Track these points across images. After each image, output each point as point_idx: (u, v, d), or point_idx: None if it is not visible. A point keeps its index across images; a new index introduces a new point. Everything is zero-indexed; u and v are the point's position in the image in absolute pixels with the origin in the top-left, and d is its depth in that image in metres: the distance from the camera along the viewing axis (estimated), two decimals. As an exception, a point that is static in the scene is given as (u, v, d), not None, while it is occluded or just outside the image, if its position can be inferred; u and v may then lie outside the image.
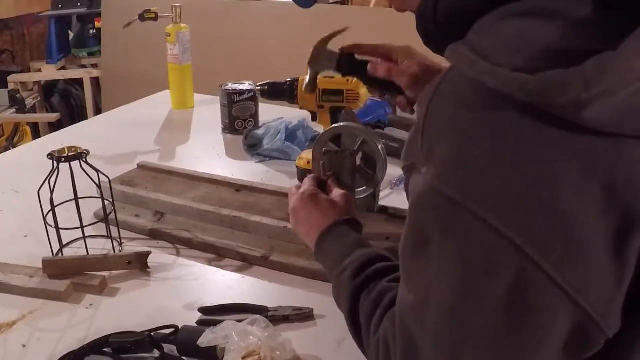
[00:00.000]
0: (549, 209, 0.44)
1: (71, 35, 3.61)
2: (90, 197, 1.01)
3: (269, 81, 1.26)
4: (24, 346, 0.78)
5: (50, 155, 0.91)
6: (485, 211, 0.46)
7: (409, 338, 0.53)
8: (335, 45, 0.99)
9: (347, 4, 3.99)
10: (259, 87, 1.29)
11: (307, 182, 0.92)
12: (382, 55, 0.94)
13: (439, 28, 0.57)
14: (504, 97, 0.45)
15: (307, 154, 1.25)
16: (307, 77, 1.01)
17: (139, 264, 0.94)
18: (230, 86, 1.59)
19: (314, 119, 1.23)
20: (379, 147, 1.00)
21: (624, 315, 0.47)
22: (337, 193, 0.89)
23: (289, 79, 1.21)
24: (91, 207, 1.05)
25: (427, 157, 0.51)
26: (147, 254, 0.95)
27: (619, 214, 0.44)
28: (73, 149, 0.93)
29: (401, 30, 1.09)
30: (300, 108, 1.22)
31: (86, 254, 0.98)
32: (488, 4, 0.51)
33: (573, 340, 0.46)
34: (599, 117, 0.43)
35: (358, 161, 1.01)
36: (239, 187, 1.19)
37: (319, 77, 1.18)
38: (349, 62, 0.97)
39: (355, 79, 1.18)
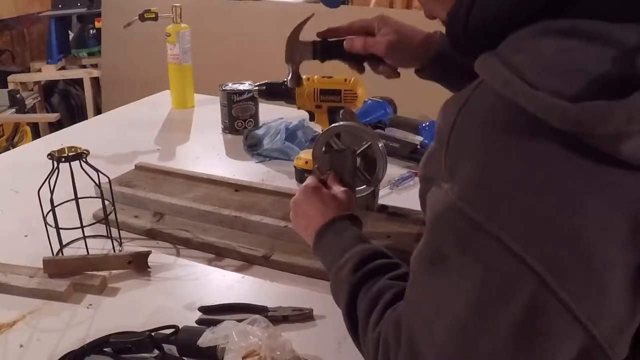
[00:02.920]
0: (572, 239, 0.44)
1: (71, 35, 3.61)
2: (90, 197, 1.01)
3: (267, 81, 1.26)
4: (21, 346, 0.78)
5: (50, 155, 0.91)
6: (507, 235, 0.45)
7: (414, 345, 0.53)
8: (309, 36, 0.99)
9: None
10: (257, 87, 1.29)
11: (311, 177, 0.92)
12: (358, 31, 0.95)
13: (469, 36, 0.55)
14: (539, 121, 0.43)
15: (305, 154, 1.25)
16: (289, 73, 1.02)
17: (139, 264, 0.94)
18: (230, 86, 1.59)
19: (311, 118, 1.23)
20: (379, 145, 1.00)
21: (633, 343, 0.47)
22: (338, 189, 0.89)
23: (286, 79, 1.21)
24: (91, 207, 1.05)
25: (450, 174, 0.49)
26: (147, 253, 0.95)
27: None
28: (73, 149, 0.93)
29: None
30: (298, 108, 1.22)
31: (86, 253, 0.98)
32: (526, 17, 0.49)
33: None
34: (637, 151, 0.42)
35: (358, 159, 1.01)
36: (237, 187, 1.19)
37: (315, 77, 1.18)
38: (324, 47, 0.98)
39: (353, 78, 1.18)
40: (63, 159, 0.91)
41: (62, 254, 0.98)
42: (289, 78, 1.03)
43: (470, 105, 0.49)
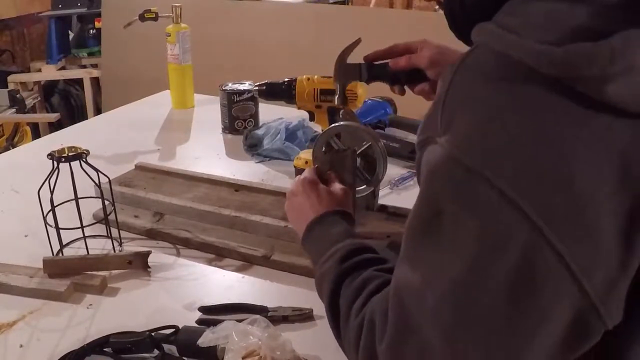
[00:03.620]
0: (566, 187, 0.44)
1: (71, 35, 3.61)
2: (90, 197, 1.01)
3: (266, 81, 1.26)
4: (21, 346, 0.78)
5: (50, 155, 0.91)
6: (503, 181, 0.45)
7: (405, 318, 0.52)
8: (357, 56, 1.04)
9: (347, 4, 4.00)
10: (257, 87, 1.29)
11: (309, 171, 0.92)
12: (401, 52, 0.99)
13: (466, 10, 0.58)
14: (530, 70, 0.45)
15: (305, 154, 1.24)
16: (337, 92, 1.07)
17: (139, 264, 0.94)
18: (230, 86, 1.59)
19: (311, 119, 1.23)
20: (379, 144, 1.00)
21: (626, 311, 0.46)
22: (336, 187, 0.89)
23: (286, 79, 1.21)
24: (91, 207, 1.05)
25: (446, 128, 0.50)
26: (148, 253, 0.95)
27: (630, 196, 0.44)
28: (73, 149, 0.93)
29: (401, 31, 1.10)
30: (298, 108, 1.22)
31: (86, 253, 0.98)
32: None
33: (572, 329, 0.46)
34: (621, 93, 0.43)
35: (358, 159, 1.01)
36: (237, 187, 1.19)
37: (316, 77, 1.18)
38: (370, 69, 1.04)
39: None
40: (63, 159, 0.91)
41: (62, 254, 0.98)
42: (337, 97, 1.08)
43: (465, 64, 0.51)
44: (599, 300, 0.45)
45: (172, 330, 0.78)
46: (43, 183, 0.90)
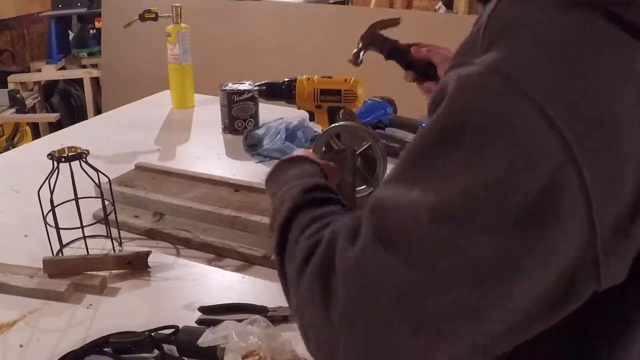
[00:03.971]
0: (605, 118, 0.42)
1: (71, 35, 3.61)
2: (90, 197, 1.01)
3: (266, 81, 1.27)
4: (21, 346, 0.79)
5: (50, 155, 0.91)
6: (543, 97, 0.43)
7: (383, 233, 0.46)
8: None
9: (347, 4, 4.00)
10: (257, 87, 1.29)
11: (302, 150, 0.91)
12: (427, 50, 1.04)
13: None
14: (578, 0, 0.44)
15: (306, 154, 1.25)
16: (356, 48, 1.11)
17: (139, 264, 0.94)
18: (230, 86, 1.59)
19: (311, 118, 1.23)
20: (379, 144, 1.00)
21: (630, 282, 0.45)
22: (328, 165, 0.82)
23: (286, 79, 1.21)
24: (91, 207, 1.05)
25: (487, 48, 0.47)
26: (148, 253, 0.95)
27: None
28: (73, 149, 0.93)
29: (400, 31, 1.10)
30: (298, 108, 1.22)
31: (86, 253, 0.98)
32: None
33: (564, 280, 0.44)
34: None
35: (358, 159, 1.01)
36: (237, 187, 1.19)
37: (315, 77, 1.18)
38: (393, 47, 1.09)
39: (353, 78, 1.19)
40: (63, 159, 0.91)
41: (62, 254, 0.98)
42: (354, 53, 1.11)
43: None
44: (602, 247, 0.43)
45: (172, 330, 0.78)
46: (43, 183, 0.90)
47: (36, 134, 3.20)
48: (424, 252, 0.45)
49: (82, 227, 0.97)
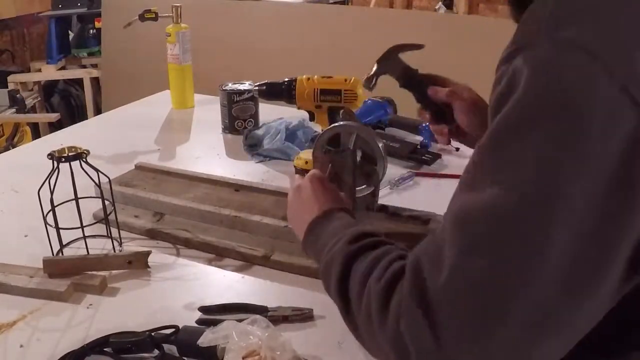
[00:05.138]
0: None
1: (71, 35, 3.61)
2: (91, 197, 1.01)
3: (266, 81, 1.27)
4: (21, 346, 0.78)
5: (50, 155, 0.91)
6: (624, 75, 0.43)
7: (472, 241, 0.48)
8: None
9: (347, 4, 4.00)
10: (257, 87, 1.29)
11: (315, 170, 0.91)
12: (444, 85, 0.96)
13: None
14: None
15: (305, 154, 1.25)
16: (371, 73, 1.02)
17: (139, 264, 0.94)
18: (230, 86, 1.59)
19: (311, 119, 1.23)
20: (379, 144, 1.00)
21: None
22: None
23: (286, 79, 1.21)
24: (91, 207, 1.05)
25: (557, 26, 0.47)
26: (148, 253, 0.95)
27: None
28: (73, 149, 0.93)
29: (401, 31, 1.10)
30: (298, 108, 1.22)
31: (86, 253, 0.98)
32: None
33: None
34: None
35: (358, 159, 1.01)
36: (237, 187, 1.19)
37: (316, 77, 1.18)
38: (411, 77, 1.00)
39: (353, 78, 1.18)
40: (63, 159, 0.91)
41: (62, 254, 0.98)
42: (368, 76, 1.03)
43: None
44: None
45: (172, 330, 0.78)
46: (43, 183, 0.90)
47: (36, 134, 3.20)
48: (513, 254, 0.46)
49: (82, 227, 0.97)
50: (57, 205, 0.93)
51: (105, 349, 0.76)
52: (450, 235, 0.49)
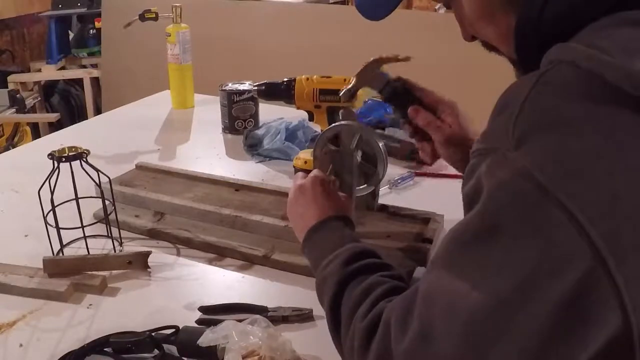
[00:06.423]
0: (637, 222, 0.43)
1: (71, 35, 3.61)
2: (91, 197, 1.01)
3: (266, 81, 1.26)
4: (21, 346, 0.79)
5: (51, 155, 0.91)
6: (575, 205, 0.44)
7: (430, 325, 0.50)
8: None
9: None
10: (256, 87, 1.29)
11: (318, 170, 0.92)
12: (427, 103, 0.95)
13: (543, 37, 0.55)
14: (621, 93, 0.44)
15: (305, 154, 1.25)
16: (350, 86, 1.00)
17: (139, 264, 0.94)
18: (230, 86, 1.59)
19: (310, 119, 1.23)
20: (379, 144, 1.00)
21: None
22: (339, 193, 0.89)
23: (285, 79, 1.21)
24: (91, 207, 1.05)
25: (519, 142, 0.48)
26: (148, 253, 0.95)
27: None
28: (73, 149, 0.93)
29: (401, 31, 1.09)
30: (297, 108, 1.22)
31: (86, 253, 0.98)
32: (602, 10, 0.51)
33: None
34: None
35: (358, 159, 1.01)
36: (238, 187, 1.19)
37: (315, 77, 1.18)
38: (394, 92, 0.96)
39: (352, 78, 1.18)
40: (63, 159, 0.91)
41: (62, 254, 0.98)
42: (347, 89, 1.00)
43: (546, 79, 0.50)
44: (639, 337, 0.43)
45: (172, 330, 0.78)
46: (43, 183, 0.90)
47: (36, 134, 3.20)
48: (459, 352, 0.48)
49: (82, 227, 0.97)
50: (57, 205, 0.93)
51: (105, 349, 0.76)
52: (418, 307, 0.53)
